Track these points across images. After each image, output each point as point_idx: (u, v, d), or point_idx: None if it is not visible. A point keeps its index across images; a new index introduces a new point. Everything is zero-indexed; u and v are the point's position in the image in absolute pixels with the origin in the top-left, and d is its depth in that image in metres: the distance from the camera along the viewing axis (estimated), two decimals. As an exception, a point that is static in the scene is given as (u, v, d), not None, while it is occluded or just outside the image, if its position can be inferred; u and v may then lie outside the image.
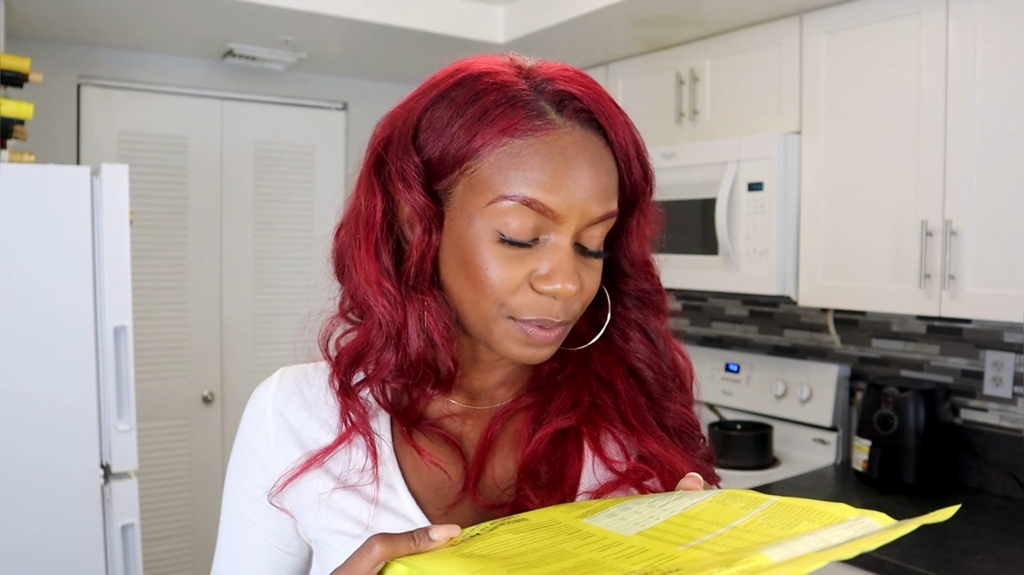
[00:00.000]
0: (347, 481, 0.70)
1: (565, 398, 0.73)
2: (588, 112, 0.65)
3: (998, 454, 2.09)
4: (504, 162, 0.63)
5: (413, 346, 0.68)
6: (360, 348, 0.71)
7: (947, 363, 2.22)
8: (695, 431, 0.76)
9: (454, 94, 0.65)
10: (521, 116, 0.63)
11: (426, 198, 0.65)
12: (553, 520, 0.60)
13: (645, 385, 0.75)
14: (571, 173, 0.63)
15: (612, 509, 0.60)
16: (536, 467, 0.70)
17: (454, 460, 0.71)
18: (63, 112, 2.74)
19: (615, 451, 0.73)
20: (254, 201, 3.09)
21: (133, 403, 1.92)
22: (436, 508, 0.70)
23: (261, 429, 0.74)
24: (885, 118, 2.02)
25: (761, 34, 2.32)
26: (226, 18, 2.46)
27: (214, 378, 3.03)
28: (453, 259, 0.66)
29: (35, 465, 1.84)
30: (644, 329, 0.75)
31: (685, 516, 0.56)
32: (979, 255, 1.84)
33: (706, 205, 2.34)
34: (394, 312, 0.67)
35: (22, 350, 1.83)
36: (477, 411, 0.75)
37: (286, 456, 0.72)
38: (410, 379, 0.70)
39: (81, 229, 1.87)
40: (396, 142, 0.67)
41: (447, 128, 0.64)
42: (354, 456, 0.71)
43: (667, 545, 0.52)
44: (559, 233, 0.64)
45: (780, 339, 2.65)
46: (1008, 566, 1.66)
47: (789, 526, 0.52)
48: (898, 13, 1.97)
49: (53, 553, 1.85)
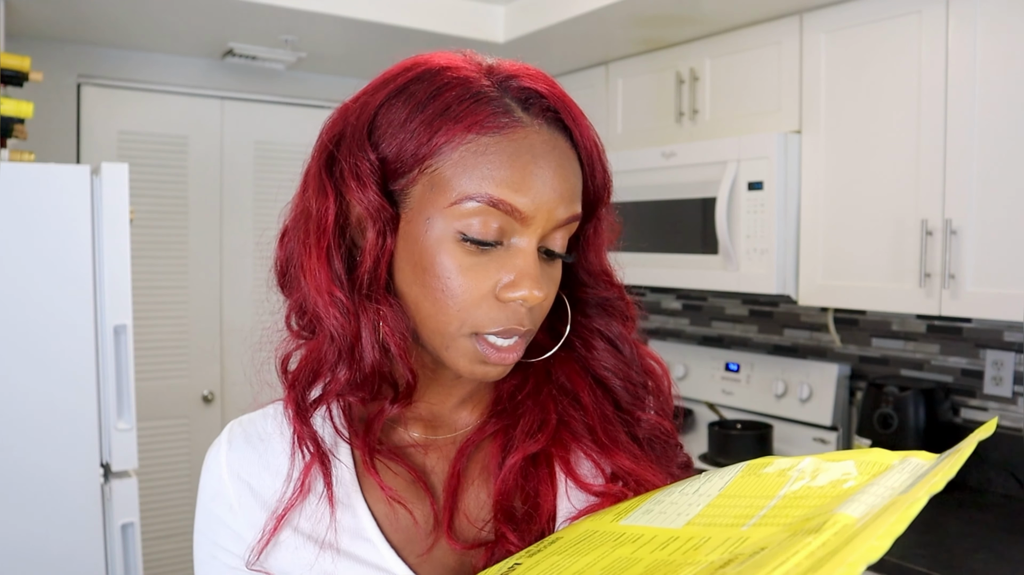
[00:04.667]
0: (326, 540, 0.65)
1: (531, 419, 0.68)
2: (554, 111, 0.63)
3: (998, 453, 2.09)
4: (468, 160, 0.59)
5: (368, 359, 0.62)
6: (312, 365, 0.65)
7: (947, 362, 2.22)
8: (670, 439, 0.73)
9: (413, 88, 0.61)
10: (487, 112, 0.59)
11: (381, 198, 0.61)
12: (590, 530, 0.57)
13: (613, 394, 0.71)
14: (539, 173, 0.59)
15: (644, 505, 0.59)
16: (509, 502, 0.66)
17: (420, 497, 0.66)
18: (63, 111, 2.74)
19: (588, 469, 0.68)
20: (254, 201, 3.09)
21: (133, 402, 1.92)
22: (416, 557, 0.65)
23: (221, 495, 0.68)
24: (885, 117, 2.02)
25: (761, 33, 2.32)
26: (226, 18, 2.46)
27: (214, 378, 3.02)
28: (409, 265, 0.62)
29: (35, 464, 1.84)
30: (608, 336, 0.71)
31: (725, 497, 0.54)
32: (979, 254, 1.84)
33: (706, 204, 2.34)
34: (346, 323, 0.62)
35: (22, 349, 1.82)
36: (439, 442, 0.70)
37: (253, 522, 0.66)
38: (366, 393, 0.64)
39: (81, 228, 1.87)
40: (349, 138, 0.62)
41: (406, 124, 0.60)
42: (317, 505, 0.65)
43: (728, 528, 0.50)
44: (524, 236, 0.60)
45: (780, 338, 2.65)
46: (1008, 565, 1.65)
47: (838, 484, 0.50)
48: (898, 12, 1.97)
49: (53, 552, 1.85)
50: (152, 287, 2.87)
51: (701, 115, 2.50)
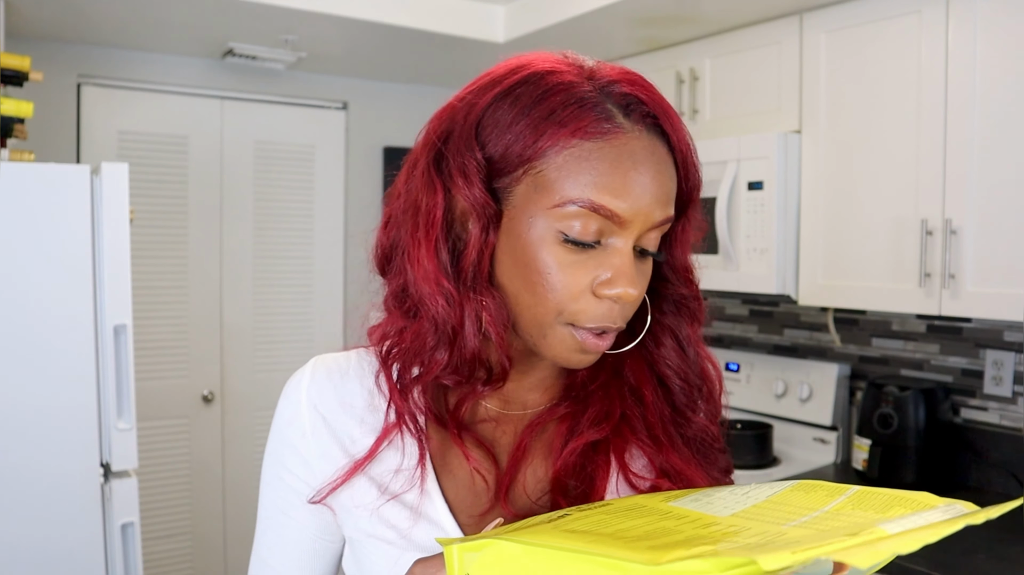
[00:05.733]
0: (390, 489, 0.70)
1: (598, 408, 0.72)
2: (653, 117, 0.65)
3: (998, 453, 2.09)
4: (572, 165, 0.62)
5: (469, 346, 0.67)
6: (412, 346, 0.69)
7: (947, 362, 2.22)
8: (715, 444, 0.76)
9: (519, 91, 0.64)
10: (591, 118, 0.62)
11: (486, 195, 0.64)
12: (639, 504, 0.60)
13: (671, 394, 0.74)
14: (638, 178, 0.62)
15: (694, 495, 0.61)
16: (566, 481, 0.70)
17: (487, 467, 0.72)
18: (63, 111, 2.74)
19: (642, 466, 0.73)
20: (254, 200, 3.09)
21: (133, 402, 1.92)
22: (468, 516, 0.70)
23: (296, 422, 0.74)
24: (885, 117, 2.02)
25: (761, 33, 2.32)
26: (226, 17, 2.46)
27: (214, 377, 3.03)
28: (510, 259, 0.65)
29: (35, 464, 1.84)
30: (677, 335, 0.75)
31: (772, 502, 0.57)
32: (979, 254, 1.84)
33: (706, 204, 2.34)
34: (451, 312, 0.66)
35: (22, 349, 1.83)
36: (510, 416, 0.74)
37: (323, 453, 0.72)
38: (461, 377, 0.69)
39: (81, 228, 1.87)
40: (457, 137, 0.65)
41: (512, 126, 0.63)
42: (394, 457, 0.71)
43: (769, 524, 0.52)
44: (621, 237, 0.63)
45: (780, 338, 2.65)
46: (1008, 565, 1.65)
47: (882, 510, 0.52)
48: (898, 12, 1.97)
49: (53, 551, 1.85)
50: (152, 287, 2.87)
51: (701, 115, 2.50)
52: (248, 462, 3.08)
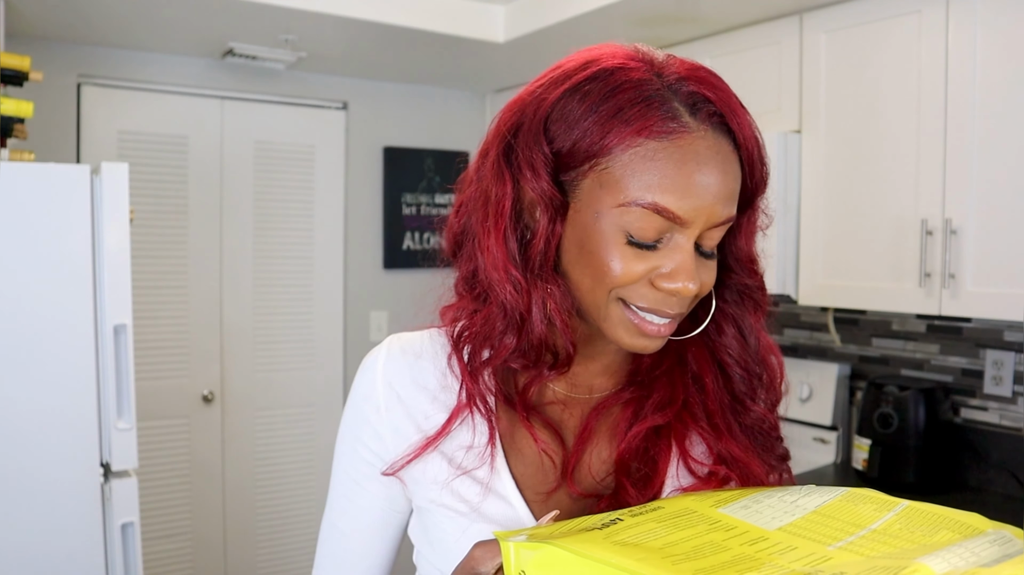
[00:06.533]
0: (462, 464, 0.73)
1: (662, 394, 0.74)
2: (720, 116, 0.66)
3: (998, 453, 2.09)
4: (637, 164, 0.63)
5: (536, 331, 0.69)
6: (482, 330, 0.71)
7: (947, 362, 2.22)
8: (772, 432, 0.77)
9: (588, 87, 0.65)
10: (657, 118, 0.63)
11: (553, 188, 0.66)
12: (688, 508, 0.61)
13: (731, 382, 0.76)
14: (702, 179, 0.63)
15: (743, 500, 0.62)
16: (629, 464, 0.72)
17: (554, 447, 0.74)
18: (63, 111, 2.74)
19: (701, 452, 0.74)
20: (254, 200, 3.09)
21: (133, 402, 1.92)
22: (535, 493, 0.73)
23: (371, 398, 0.77)
24: (885, 117, 2.02)
25: (761, 33, 2.32)
26: (226, 17, 2.46)
27: (214, 377, 3.02)
28: (575, 248, 0.67)
29: (35, 463, 1.84)
30: (739, 324, 0.76)
31: (820, 514, 0.58)
32: (979, 254, 1.84)
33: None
34: (519, 298, 0.68)
35: (22, 349, 1.82)
36: (576, 399, 0.76)
37: (396, 428, 0.75)
38: (528, 361, 0.71)
39: (81, 228, 1.87)
40: (526, 130, 0.67)
41: (580, 122, 0.64)
42: (466, 435, 0.73)
43: (815, 544, 0.53)
44: (682, 234, 0.65)
45: (780, 338, 2.65)
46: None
47: (929, 534, 0.52)
48: (898, 12, 1.97)
49: (53, 551, 1.85)
50: (152, 287, 2.87)
51: (701, 115, 2.50)
52: (248, 462, 3.08)
